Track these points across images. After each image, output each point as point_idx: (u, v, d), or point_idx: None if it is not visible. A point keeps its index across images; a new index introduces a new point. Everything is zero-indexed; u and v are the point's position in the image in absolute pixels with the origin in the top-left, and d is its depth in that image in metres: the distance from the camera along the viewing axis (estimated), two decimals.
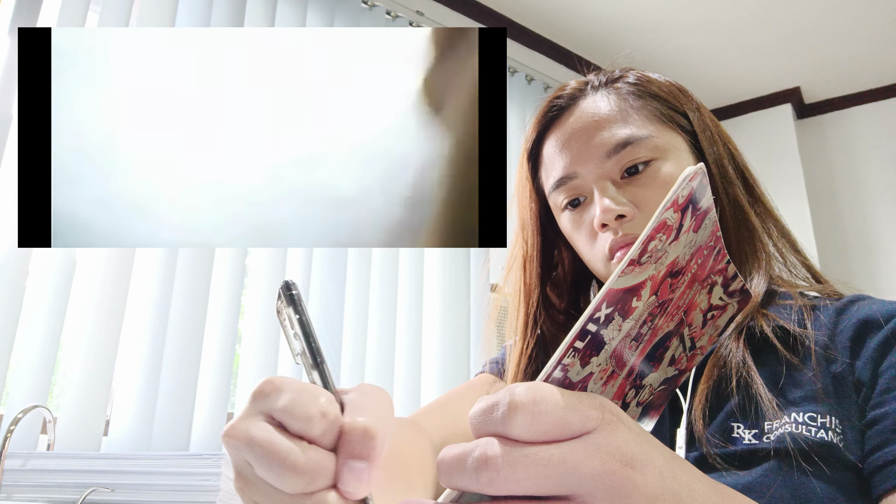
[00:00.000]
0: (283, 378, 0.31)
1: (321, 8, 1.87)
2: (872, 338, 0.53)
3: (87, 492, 0.99)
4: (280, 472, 0.28)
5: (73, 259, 1.32)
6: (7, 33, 1.37)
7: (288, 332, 0.34)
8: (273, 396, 0.30)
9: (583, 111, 0.66)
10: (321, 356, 0.32)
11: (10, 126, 1.30)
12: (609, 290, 0.30)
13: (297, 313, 0.33)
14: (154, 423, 1.34)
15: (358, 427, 0.29)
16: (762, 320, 0.57)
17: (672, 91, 0.67)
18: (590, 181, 0.63)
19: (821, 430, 0.49)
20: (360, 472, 0.28)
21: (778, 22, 2.42)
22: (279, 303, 0.34)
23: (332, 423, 0.29)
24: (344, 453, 0.29)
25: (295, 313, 0.33)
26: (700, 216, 0.33)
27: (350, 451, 0.29)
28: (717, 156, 0.65)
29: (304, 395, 0.30)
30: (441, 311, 1.89)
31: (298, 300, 0.33)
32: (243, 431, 0.29)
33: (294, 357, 0.34)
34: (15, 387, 1.21)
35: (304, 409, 0.29)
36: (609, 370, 0.32)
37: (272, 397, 0.30)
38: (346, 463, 0.29)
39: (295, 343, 0.33)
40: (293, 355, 0.34)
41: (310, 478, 0.28)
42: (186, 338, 1.41)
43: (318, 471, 0.28)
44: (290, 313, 0.33)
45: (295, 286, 0.33)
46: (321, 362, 0.32)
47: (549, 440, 0.27)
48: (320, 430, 0.29)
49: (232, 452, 0.30)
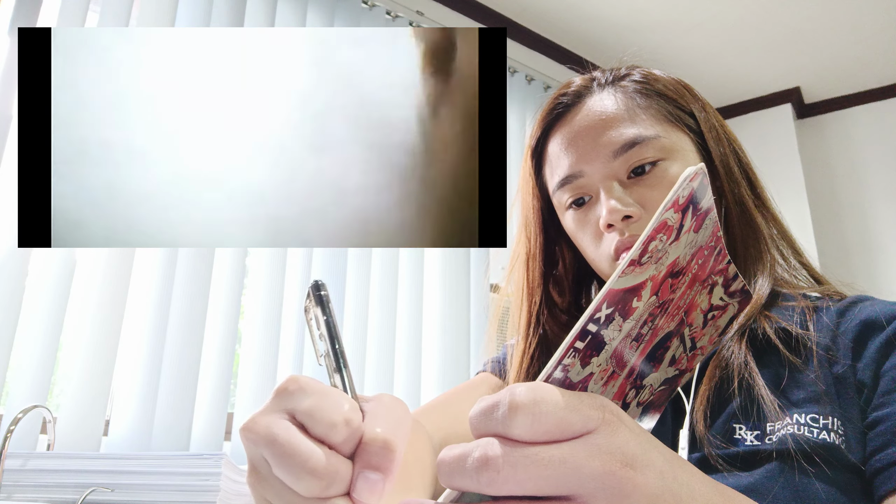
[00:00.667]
0: (307, 378, 0.31)
1: (321, 8, 1.87)
2: (874, 339, 0.53)
3: (87, 492, 0.99)
4: (299, 474, 0.28)
5: (73, 259, 1.32)
6: (7, 33, 1.37)
7: (314, 332, 0.34)
8: (297, 396, 0.30)
9: (589, 109, 0.65)
10: (345, 360, 0.32)
11: (10, 126, 1.30)
12: (609, 291, 0.30)
13: (324, 314, 0.32)
14: (154, 423, 1.33)
15: (378, 438, 0.29)
16: (764, 322, 0.56)
17: (678, 90, 0.66)
18: (596, 181, 0.63)
19: (823, 431, 0.49)
20: (375, 482, 0.29)
21: (778, 22, 2.42)
22: (307, 302, 0.33)
23: (355, 432, 0.29)
24: (361, 462, 0.29)
25: (322, 314, 0.32)
26: (701, 216, 0.33)
27: (367, 462, 0.29)
28: (723, 156, 0.64)
29: (328, 400, 0.30)
30: (441, 311, 1.89)
31: (327, 301, 0.33)
32: (265, 427, 0.29)
33: (318, 358, 0.33)
34: (15, 387, 1.21)
35: (328, 415, 0.29)
36: (609, 370, 0.32)
37: (296, 397, 0.30)
38: (363, 473, 0.29)
39: (320, 344, 0.33)
40: (317, 356, 0.34)
41: (327, 483, 0.28)
42: (186, 338, 1.41)
43: (335, 477, 0.28)
44: (318, 314, 0.33)
45: (324, 287, 0.33)
46: (345, 366, 0.32)
47: (549, 440, 0.27)
48: (342, 438, 0.29)
49: (249, 447, 0.30)
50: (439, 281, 1.92)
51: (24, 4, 1.40)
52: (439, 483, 0.61)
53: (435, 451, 0.62)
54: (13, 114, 1.30)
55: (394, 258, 1.83)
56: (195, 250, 1.46)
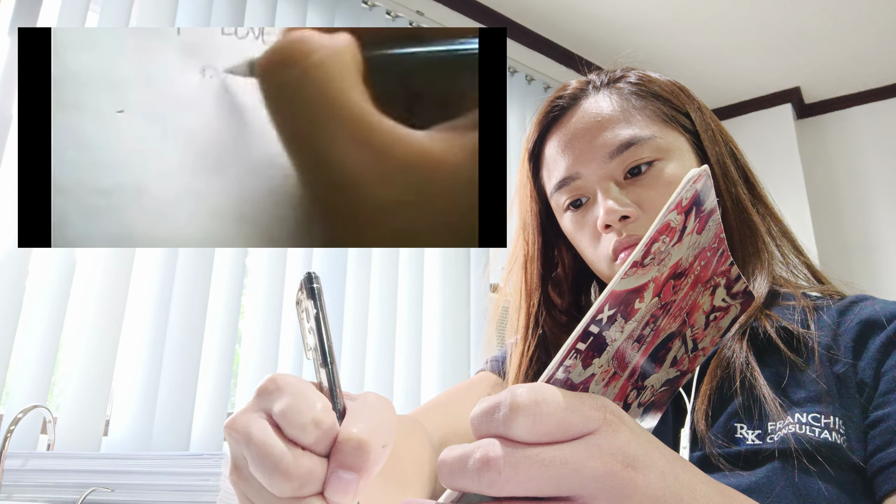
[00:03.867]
0: (287, 377, 0.31)
1: (321, 8, 1.88)
2: (875, 338, 0.53)
3: (87, 492, 0.99)
4: (271, 474, 0.28)
5: (73, 259, 1.32)
6: (7, 33, 1.37)
7: (303, 325, 0.33)
8: (274, 396, 0.30)
9: (585, 111, 0.65)
10: (332, 356, 0.32)
11: (10, 126, 1.30)
12: (612, 292, 0.30)
13: (315, 308, 0.32)
14: (154, 423, 1.33)
15: (353, 438, 0.29)
16: (765, 321, 0.56)
17: (673, 91, 0.67)
18: (593, 182, 0.63)
19: (824, 430, 0.49)
20: (347, 482, 0.29)
21: (778, 22, 2.42)
22: (299, 293, 0.33)
23: (326, 433, 0.29)
24: (335, 462, 0.29)
25: (313, 308, 0.32)
26: (704, 218, 0.33)
27: (341, 462, 0.29)
28: (719, 155, 0.65)
29: (301, 402, 0.30)
30: (441, 312, 1.89)
31: (318, 294, 0.32)
32: (243, 426, 0.30)
33: (306, 352, 0.33)
34: (15, 387, 1.21)
35: (298, 417, 0.29)
36: (611, 371, 0.32)
37: (273, 397, 0.30)
38: (336, 472, 0.29)
39: (309, 338, 0.33)
40: (305, 350, 0.33)
41: (299, 484, 0.28)
42: (186, 338, 1.41)
43: (307, 478, 0.28)
44: (309, 307, 0.32)
45: (318, 279, 0.32)
46: (331, 362, 0.32)
47: (550, 441, 0.27)
48: (313, 439, 0.29)
49: (232, 445, 0.31)
50: (439, 281, 1.92)
51: (24, 4, 1.40)
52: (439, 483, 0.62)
53: (434, 449, 0.62)
54: (13, 114, 1.30)
55: (394, 258, 1.83)
56: (195, 250, 1.46)
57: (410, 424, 0.62)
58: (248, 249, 1.58)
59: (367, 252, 1.77)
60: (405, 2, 2.11)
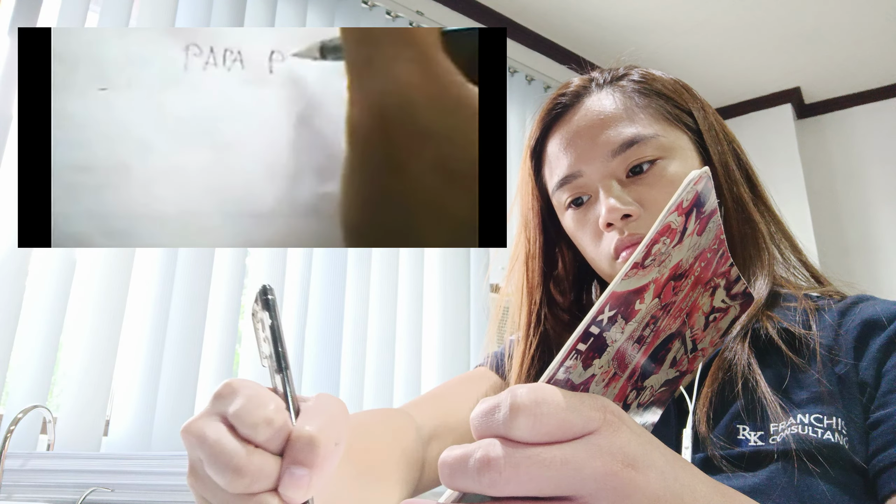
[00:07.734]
0: (242, 381, 0.32)
1: (321, 8, 1.87)
2: (876, 339, 0.53)
3: (87, 492, 0.99)
4: (224, 471, 0.29)
5: (72, 259, 1.32)
6: (7, 33, 1.37)
7: (259, 334, 0.35)
8: (228, 399, 0.32)
9: (588, 109, 0.65)
10: (286, 362, 0.34)
11: (10, 126, 1.30)
12: (612, 293, 0.30)
13: (270, 318, 0.34)
14: (154, 423, 1.33)
15: (304, 435, 0.30)
16: (767, 322, 0.56)
17: (676, 89, 0.66)
18: (595, 180, 0.63)
19: (826, 431, 0.49)
20: (300, 478, 0.30)
21: (778, 22, 2.42)
22: (255, 305, 0.35)
23: (278, 431, 0.31)
24: (288, 459, 0.30)
25: (269, 318, 0.34)
26: (704, 219, 0.33)
27: (294, 458, 0.30)
28: (722, 155, 0.64)
29: (253, 402, 0.31)
30: (441, 311, 1.89)
31: (273, 305, 0.34)
32: (197, 429, 0.31)
33: (261, 360, 0.35)
34: (15, 387, 1.21)
35: (250, 416, 0.30)
36: (611, 372, 0.32)
37: (227, 400, 0.32)
38: (288, 468, 0.30)
39: (264, 346, 0.35)
40: (260, 358, 0.35)
41: (251, 480, 0.29)
42: (186, 338, 1.41)
43: (259, 474, 0.29)
44: (265, 317, 0.34)
45: (272, 291, 0.34)
46: (285, 368, 0.33)
47: (551, 441, 0.27)
48: (265, 437, 0.30)
49: (188, 448, 0.32)
50: (439, 281, 1.92)
51: (24, 4, 1.40)
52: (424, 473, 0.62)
53: (422, 441, 0.63)
54: (13, 114, 1.30)
55: (394, 258, 1.83)
56: (195, 250, 1.46)
57: (394, 416, 0.62)
58: (249, 249, 1.58)
59: (368, 252, 1.77)
60: (405, 2, 2.11)
